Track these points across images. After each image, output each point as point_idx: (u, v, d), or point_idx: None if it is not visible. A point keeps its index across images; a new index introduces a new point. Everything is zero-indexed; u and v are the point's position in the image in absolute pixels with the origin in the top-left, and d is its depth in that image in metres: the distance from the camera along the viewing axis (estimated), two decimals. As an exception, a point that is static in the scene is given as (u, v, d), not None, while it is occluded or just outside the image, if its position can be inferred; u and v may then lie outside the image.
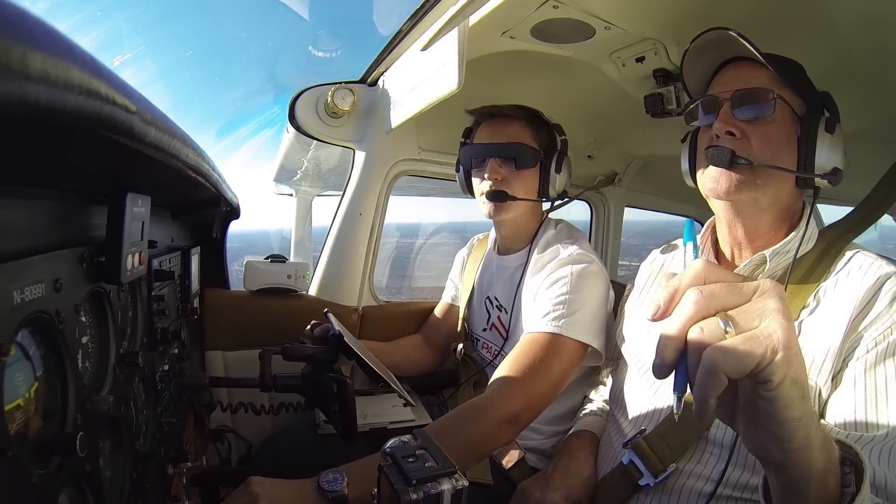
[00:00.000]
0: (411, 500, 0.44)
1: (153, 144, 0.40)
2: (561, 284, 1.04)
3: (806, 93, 0.75)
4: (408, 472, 0.46)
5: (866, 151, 1.04)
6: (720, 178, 0.75)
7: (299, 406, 1.07)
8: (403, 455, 0.48)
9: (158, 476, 0.75)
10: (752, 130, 0.73)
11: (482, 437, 0.85)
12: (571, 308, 1.00)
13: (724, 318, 0.40)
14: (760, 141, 0.73)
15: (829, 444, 0.46)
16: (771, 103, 0.72)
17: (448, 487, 0.45)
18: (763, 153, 0.72)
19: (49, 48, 0.22)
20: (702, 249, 0.85)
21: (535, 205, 1.21)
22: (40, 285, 0.42)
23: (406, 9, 0.96)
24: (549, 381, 0.94)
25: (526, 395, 0.91)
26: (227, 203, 1.03)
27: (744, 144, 0.73)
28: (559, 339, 0.97)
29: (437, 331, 1.46)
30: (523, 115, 1.16)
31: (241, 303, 1.35)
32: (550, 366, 0.95)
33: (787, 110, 0.73)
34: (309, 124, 1.36)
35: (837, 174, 0.73)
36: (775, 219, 0.77)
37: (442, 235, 2.74)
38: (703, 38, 0.75)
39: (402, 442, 0.51)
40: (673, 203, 2.21)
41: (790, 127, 0.73)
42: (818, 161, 0.72)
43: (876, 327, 0.65)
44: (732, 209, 0.78)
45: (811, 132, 0.72)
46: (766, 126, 0.73)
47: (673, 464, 0.75)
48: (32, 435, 0.42)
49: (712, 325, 0.40)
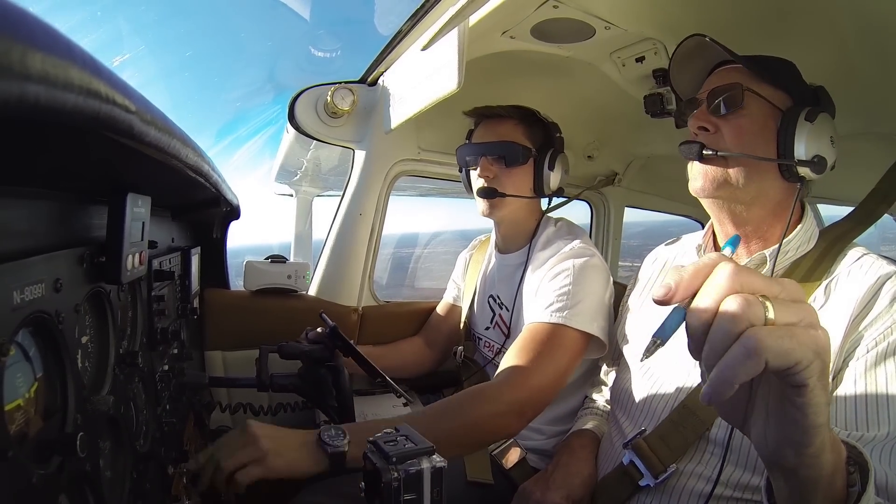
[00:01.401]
0: (392, 479, 0.46)
1: (153, 144, 0.40)
2: (563, 276, 1.04)
3: (792, 88, 0.75)
4: (388, 452, 0.48)
5: (866, 151, 1.05)
6: (698, 177, 0.77)
7: (298, 406, 1.07)
8: (385, 441, 0.51)
9: (159, 476, 0.75)
10: (724, 124, 0.75)
11: (484, 422, 0.85)
12: (574, 299, 1.00)
13: (765, 300, 0.35)
14: (732, 133, 0.74)
15: (838, 445, 0.45)
16: (740, 95, 0.74)
17: (427, 466, 0.48)
18: (735, 144, 0.74)
19: (49, 48, 0.22)
20: (704, 249, 0.85)
21: (532, 203, 1.21)
22: (40, 285, 0.42)
23: (406, 9, 0.96)
24: (553, 373, 0.94)
25: (532, 385, 0.91)
26: (227, 203, 1.03)
27: (716, 138, 0.75)
28: (562, 329, 0.97)
29: (438, 331, 1.46)
30: (516, 114, 1.17)
31: (241, 303, 1.35)
32: (555, 357, 0.95)
33: (760, 103, 0.74)
34: (309, 124, 1.36)
35: (821, 162, 0.72)
36: (766, 214, 0.77)
37: (444, 242, 2.71)
38: (685, 45, 0.77)
39: (385, 432, 0.53)
40: (673, 203, 2.21)
41: (766, 118, 0.74)
42: (797, 149, 0.72)
43: (876, 327, 0.65)
44: (716, 206, 0.79)
45: (790, 122, 0.72)
46: (738, 119, 0.75)
47: (673, 464, 0.75)
48: (32, 435, 0.42)
49: (755, 301, 0.35)
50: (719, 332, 0.36)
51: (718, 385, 0.35)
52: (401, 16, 1.00)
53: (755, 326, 0.34)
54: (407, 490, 0.47)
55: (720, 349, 0.35)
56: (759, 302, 0.35)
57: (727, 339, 0.35)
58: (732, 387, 0.35)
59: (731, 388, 0.35)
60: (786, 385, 0.37)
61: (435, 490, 0.48)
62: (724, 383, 0.35)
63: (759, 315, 0.35)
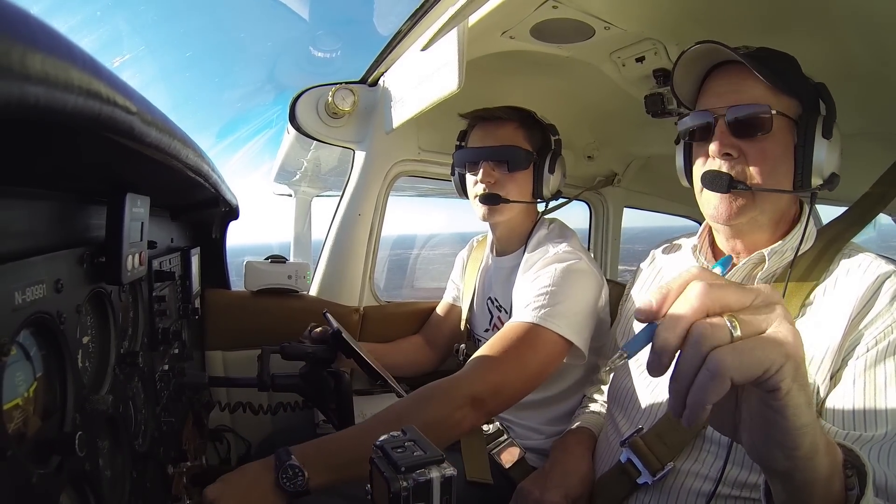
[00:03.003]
0: (401, 488, 0.45)
1: (154, 145, 0.40)
2: (545, 278, 1.03)
3: (801, 91, 0.73)
4: (397, 460, 0.47)
5: (865, 150, 1.04)
6: (720, 206, 0.74)
7: (297, 406, 1.07)
8: (393, 447, 0.49)
9: (159, 476, 0.75)
10: (749, 148, 0.71)
11: (442, 419, 0.83)
12: (553, 300, 0.99)
13: (731, 319, 0.37)
14: (758, 160, 0.71)
15: (833, 447, 0.45)
16: (769, 120, 0.70)
17: (437, 475, 0.46)
18: (761, 173, 0.71)
19: (49, 49, 0.22)
20: (699, 249, 0.85)
21: (529, 206, 1.20)
22: (41, 286, 0.42)
23: (406, 9, 0.96)
24: (520, 370, 0.92)
25: (492, 380, 0.90)
26: (227, 203, 1.03)
27: (740, 164, 0.72)
28: (536, 329, 0.96)
29: (439, 331, 1.46)
30: (515, 117, 1.15)
31: (242, 303, 1.35)
32: (523, 354, 0.93)
33: (784, 122, 0.72)
34: (309, 125, 1.36)
35: (834, 180, 0.72)
36: (774, 226, 0.77)
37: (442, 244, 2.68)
38: (695, 50, 0.73)
39: (391, 436, 0.52)
40: (672, 203, 2.21)
41: (787, 137, 0.72)
42: (815, 169, 0.71)
43: (876, 326, 0.65)
44: (732, 229, 0.77)
45: (808, 140, 0.70)
46: (763, 143, 0.71)
47: (670, 462, 0.75)
48: (32, 434, 0.42)
49: (720, 324, 0.37)
50: (685, 359, 0.38)
51: (692, 409, 0.37)
52: (400, 16, 1.00)
53: (719, 348, 0.36)
54: (416, 500, 0.46)
55: (689, 374, 0.37)
56: (723, 324, 0.37)
57: (693, 366, 0.37)
58: (705, 409, 0.37)
59: (704, 410, 0.37)
60: (762, 391, 0.38)
61: (444, 498, 0.47)
62: (695, 406, 0.37)
63: (724, 336, 0.37)
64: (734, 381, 0.36)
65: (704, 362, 0.36)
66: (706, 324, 0.37)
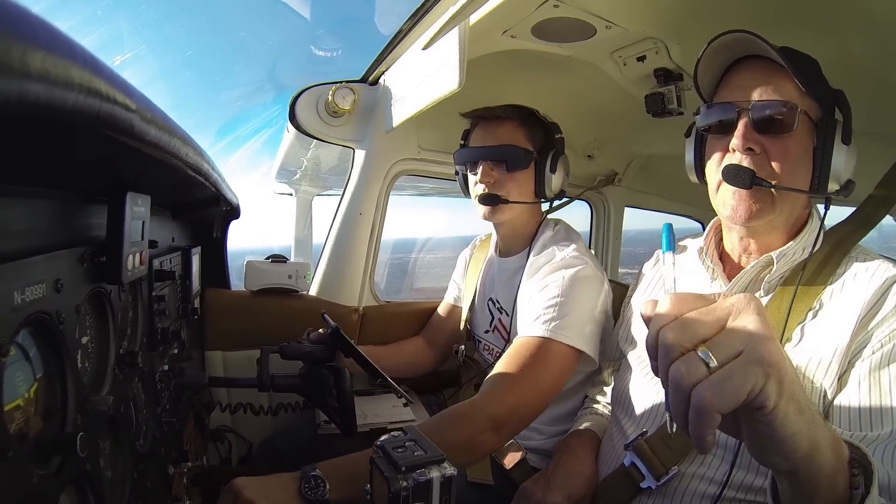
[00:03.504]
0: (401, 488, 0.45)
1: (153, 143, 0.40)
2: (553, 287, 1.03)
3: (822, 95, 0.72)
4: (397, 460, 0.47)
5: (869, 150, 1.04)
6: (738, 207, 0.72)
7: (298, 406, 1.07)
8: (394, 447, 0.50)
9: (160, 476, 0.75)
10: (771, 146, 0.70)
11: (463, 443, 0.84)
12: (562, 311, 0.99)
13: (704, 350, 0.39)
14: (780, 158, 0.70)
15: (839, 444, 0.46)
16: (794, 118, 0.68)
17: (437, 475, 0.47)
18: (782, 172, 0.70)
19: (49, 47, 0.22)
20: (706, 251, 0.84)
21: (533, 206, 1.20)
22: (41, 285, 0.42)
23: (407, 8, 0.96)
24: (537, 388, 0.92)
25: (510, 401, 0.90)
26: (227, 202, 1.03)
27: (762, 161, 0.70)
28: (549, 343, 0.96)
29: (439, 331, 1.46)
30: (516, 116, 1.14)
31: (242, 303, 1.34)
32: (538, 372, 0.93)
33: (807, 123, 0.71)
34: (309, 123, 1.36)
35: (850, 186, 0.72)
36: (789, 228, 0.77)
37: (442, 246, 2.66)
38: (729, 38, 0.70)
39: (392, 436, 0.52)
40: (673, 203, 2.21)
41: (808, 139, 0.71)
42: (833, 173, 0.70)
43: (883, 329, 0.65)
44: (747, 230, 0.76)
45: (827, 143, 0.70)
46: (787, 141, 0.70)
47: (675, 466, 0.75)
48: (32, 435, 0.41)
49: (692, 361, 0.39)
50: (674, 404, 0.40)
51: (697, 442, 0.39)
52: (401, 15, 0.99)
53: (699, 384, 0.38)
54: (416, 499, 0.46)
55: (683, 415, 0.40)
56: (696, 359, 0.39)
57: (682, 409, 0.39)
58: (707, 440, 0.39)
59: (706, 442, 0.39)
60: (750, 408, 0.40)
61: (444, 498, 0.47)
62: (699, 439, 0.39)
63: (700, 372, 0.38)
64: (721, 412, 0.37)
65: (690, 401, 0.38)
66: (679, 366, 0.39)
